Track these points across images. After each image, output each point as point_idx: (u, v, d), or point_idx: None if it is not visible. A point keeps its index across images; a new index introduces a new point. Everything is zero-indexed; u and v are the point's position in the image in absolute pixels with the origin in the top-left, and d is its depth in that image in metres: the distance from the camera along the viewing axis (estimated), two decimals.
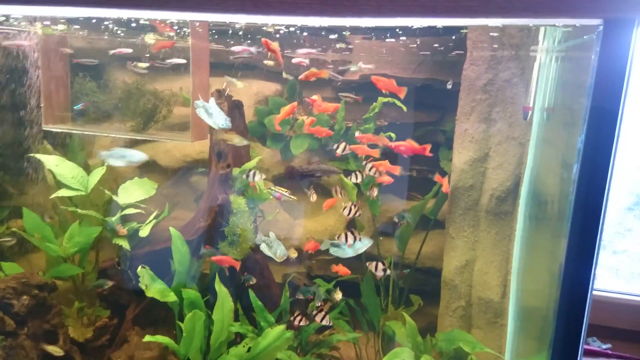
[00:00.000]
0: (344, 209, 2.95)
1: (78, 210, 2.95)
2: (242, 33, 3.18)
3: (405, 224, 3.14)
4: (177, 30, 3.02)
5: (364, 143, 3.20)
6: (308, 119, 3.25)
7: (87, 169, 3.28)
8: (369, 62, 3.69)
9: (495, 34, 2.93)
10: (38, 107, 3.20)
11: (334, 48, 3.62)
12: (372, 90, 3.27)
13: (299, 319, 2.79)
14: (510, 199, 2.96)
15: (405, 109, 3.25)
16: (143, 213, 3.07)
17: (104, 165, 3.04)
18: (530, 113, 2.85)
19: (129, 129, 3.25)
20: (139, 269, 2.69)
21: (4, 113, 3.54)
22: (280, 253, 2.72)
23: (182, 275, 2.85)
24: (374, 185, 3.32)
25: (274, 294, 3.26)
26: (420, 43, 3.36)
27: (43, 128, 3.14)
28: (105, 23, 2.92)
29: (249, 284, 2.92)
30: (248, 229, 3.08)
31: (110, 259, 3.07)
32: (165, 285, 2.77)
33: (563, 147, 2.38)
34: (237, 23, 2.68)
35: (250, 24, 2.91)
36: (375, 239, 3.61)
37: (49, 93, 3.12)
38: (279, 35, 2.96)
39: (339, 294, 3.03)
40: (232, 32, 3.23)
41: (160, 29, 2.91)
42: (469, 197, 3.10)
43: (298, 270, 3.84)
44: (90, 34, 3.19)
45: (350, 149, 3.18)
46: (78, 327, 3.09)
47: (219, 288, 2.78)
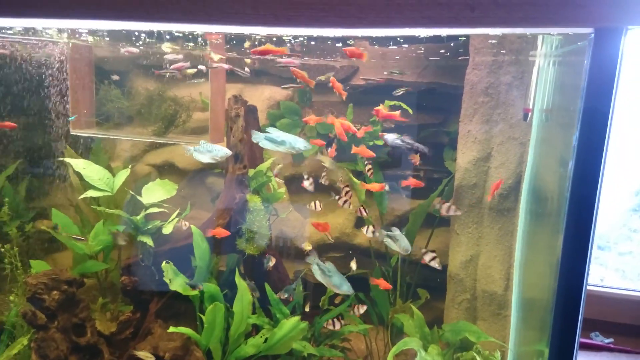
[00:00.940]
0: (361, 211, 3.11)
1: (106, 210, 3.13)
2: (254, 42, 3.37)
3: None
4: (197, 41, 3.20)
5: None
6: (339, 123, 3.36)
7: (109, 172, 3.47)
8: (375, 67, 3.85)
9: (496, 41, 3.09)
10: (64, 113, 3.40)
11: (341, 55, 3.80)
12: (378, 94, 3.45)
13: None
14: (512, 196, 3.12)
15: (411, 112, 3.42)
16: (166, 212, 3.25)
17: (128, 168, 3.22)
18: (530, 114, 3.01)
19: (151, 133, 3.44)
20: (163, 264, 2.86)
21: (32, 119, 3.75)
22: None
23: (202, 270, 3.02)
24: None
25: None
26: (425, 49, 3.53)
27: (71, 133, 3.34)
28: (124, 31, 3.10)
29: (269, 267, 3.07)
30: (264, 227, 3.25)
31: (134, 256, 3.25)
32: (188, 280, 2.94)
33: (561, 146, 2.53)
34: (256, 34, 2.86)
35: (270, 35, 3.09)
36: (381, 237, 3.76)
37: (76, 100, 3.32)
38: (289, 44, 3.13)
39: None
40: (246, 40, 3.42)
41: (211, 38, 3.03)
42: (473, 195, 3.26)
43: (309, 267, 3.99)
44: (117, 44, 3.37)
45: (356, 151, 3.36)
46: (104, 320, 3.26)
47: (239, 282, 2.95)
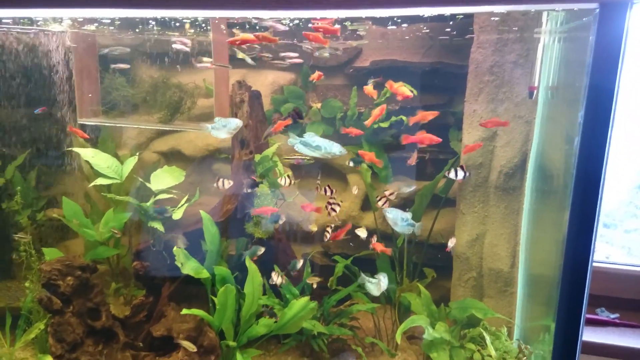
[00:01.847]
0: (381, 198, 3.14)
1: (116, 197, 3.18)
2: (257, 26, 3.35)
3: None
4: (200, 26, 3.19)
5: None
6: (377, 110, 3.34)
7: (117, 159, 3.51)
8: (379, 48, 3.83)
9: (500, 19, 3.06)
10: (71, 102, 3.42)
11: (345, 36, 3.78)
12: (382, 75, 3.43)
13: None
14: (518, 175, 3.13)
15: (416, 93, 3.41)
16: (175, 198, 3.29)
17: (136, 156, 3.25)
18: (536, 92, 3.00)
19: (157, 121, 3.46)
20: (175, 249, 2.92)
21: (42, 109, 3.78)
22: (385, 286, 2.93)
23: (213, 254, 3.08)
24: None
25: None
26: (429, 28, 3.50)
27: (78, 122, 3.37)
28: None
29: (258, 256, 3.13)
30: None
31: (145, 242, 3.31)
32: (199, 263, 3.00)
33: (566, 123, 2.54)
34: (259, 18, 2.84)
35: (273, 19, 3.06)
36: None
37: (82, 89, 3.34)
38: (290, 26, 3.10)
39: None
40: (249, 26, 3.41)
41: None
42: (479, 174, 3.28)
43: (316, 249, 4.05)
44: (125, 32, 3.36)
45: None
46: (117, 305, 3.34)
47: (249, 264, 3.00)
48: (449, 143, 3.61)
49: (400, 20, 3.44)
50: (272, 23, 2.72)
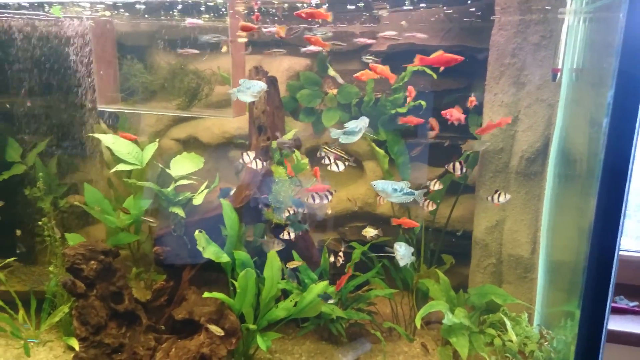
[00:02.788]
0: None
1: (137, 183, 3.21)
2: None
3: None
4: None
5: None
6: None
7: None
8: (397, 31, 3.76)
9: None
10: (91, 89, 3.45)
11: (362, 19, 3.72)
12: (400, 60, 3.38)
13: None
14: (540, 160, 3.08)
15: (435, 77, 3.36)
16: (195, 184, 3.32)
17: (156, 142, 3.28)
18: (559, 75, 2.93)
19: (175, 107, 3.47)
20: (196, 233, 2.95)
21: (60, 96, 3.82)
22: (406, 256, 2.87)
23: (232, 239, 3.11)
24: None
25: (314, 255, 3.51)
26: (448, 11, 3.43)
27: (98, 108, 3.40)
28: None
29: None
30: (289, 197, 3.30)
31: (166, 227, 3.35)
32: (219, 248, 3.03)
33: (591, 106, 2.48)
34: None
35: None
36: (405, 205, 3.78)
37: (101, 76, 3.36)
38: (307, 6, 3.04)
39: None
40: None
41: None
42: (499, 159, 3.23)
43: (333, 236, 4.06)
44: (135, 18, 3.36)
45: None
46: (139, 288, 3.41)
47: None
48: (468, 129, 3.55)
49: (417, 1, 3.37)
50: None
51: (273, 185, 3.27)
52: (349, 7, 3.45)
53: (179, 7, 3.19)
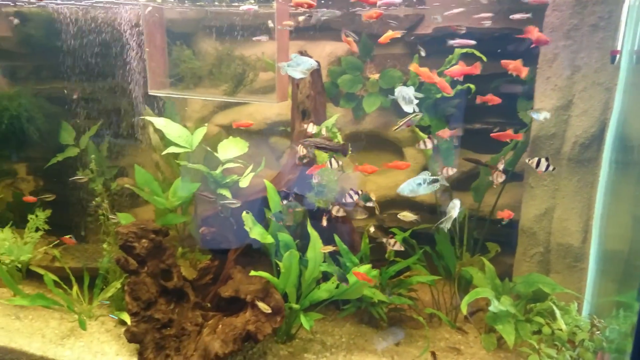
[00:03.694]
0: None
1: (188, 165, 3.30)
2: None
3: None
4: None
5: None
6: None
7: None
8: (444, 14, 3.67)
9: None
10: (141, 74, 3.56)
11: (409, 2, 3.65)
12: (445, 43, 3.31)
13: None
14: (595, 146, 2.97)
15: (485, 59, 3.27)
16: (240, 167, 3.39)
17: (205, 126, 3.35)
18: (618, 57, 2.80)
19: (222, 93, 3.54)
20: (244, 214, 3.02)
21: (111, 82, 3.97)
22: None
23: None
24: None
25: (355, 241, 3.53)
26: None
27: (149, 93, 3.51)
28: None
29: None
30: (332, 181, 3.32)
31: (213, 209, 3.45)
32: (264, 229, 3.10)
33: None
34: None
35: None
36: (449, 192, 3.73)
37: (152, 61, 3.47)
38: None
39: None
40: None
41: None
42: (551, 145, 3.13)
43: (372, 222, 4.05)
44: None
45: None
46: (186, 267, 3.52)
47: (311, 231, 3.07)
48: (517, 114, 3.46)
49: None
50: None
51: (318, 171, 3.29)
52: None
53: None
